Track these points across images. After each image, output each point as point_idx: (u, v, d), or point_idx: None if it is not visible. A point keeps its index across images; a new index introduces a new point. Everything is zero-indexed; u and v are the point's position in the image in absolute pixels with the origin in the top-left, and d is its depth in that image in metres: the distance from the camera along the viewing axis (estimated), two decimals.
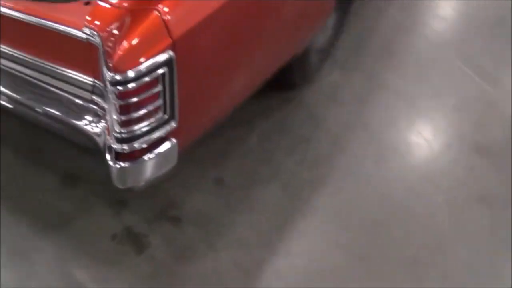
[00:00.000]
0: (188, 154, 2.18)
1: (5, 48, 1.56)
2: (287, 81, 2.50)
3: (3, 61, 1.59)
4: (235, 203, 2.19)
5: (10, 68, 1.59)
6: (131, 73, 1.24)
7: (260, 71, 1.84)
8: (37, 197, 2.17)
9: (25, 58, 1.53)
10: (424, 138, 2.46)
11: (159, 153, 1.42)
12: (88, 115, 1.47)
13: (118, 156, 1.38)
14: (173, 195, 2.20)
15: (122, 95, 1.27)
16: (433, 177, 2.29)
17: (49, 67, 1.48)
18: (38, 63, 1.50)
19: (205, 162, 2.32)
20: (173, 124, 1.41)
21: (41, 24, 1.39)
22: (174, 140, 1.44)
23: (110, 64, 1.23)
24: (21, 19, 1.43)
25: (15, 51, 1.54)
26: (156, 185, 2.07)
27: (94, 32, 1.26)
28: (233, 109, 1.90)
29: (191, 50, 1.37)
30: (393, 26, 3.09)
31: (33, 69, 1.54)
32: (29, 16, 1.41)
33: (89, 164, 2.24)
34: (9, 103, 1.65)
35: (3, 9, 1.45)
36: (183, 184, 2.22)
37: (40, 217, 2.12)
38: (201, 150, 2.29)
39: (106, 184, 1.90)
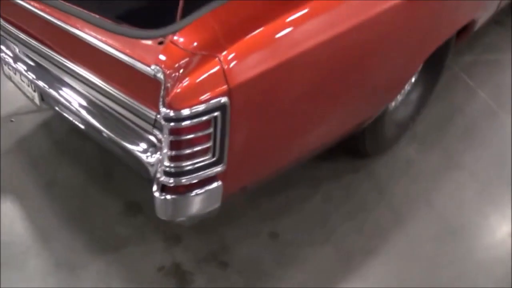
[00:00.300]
0: (249, 202, 2.27)
1: (83, 72, 1.70)
2: (358, 148, 2.53)
3: (81, 85, 1.74)
4: (285, 259, 2.21)
5: (86, 91, 1.74)
6: (184, 112, 1.33)
7: (318, 133, 1.87)
8: (99, 218, 2.31)
9: (99, 84, 1.66)
10: (489, 224, 2.37)
11: (203, 193, 1.49)
12: (147, 145, 1.57)
13: (163, 188, 1.46)
14: (227, 239, 2.26)
15: (173, 131, 1.36)
16: (488, 266, 2.20)
17: (119, 96, 1.61)
18: (110, 91, 1.63)
19: (264, 213, 2.37)
20: (220, 167, 1.48)
21: (116, 56, 1.52)
22: (219, 183, 1.51)
23: (166, 101, 1.33)
24: (101, 48, 1.56)
25: (92, 76, 1.68)
26: (212, 226, 2.17)
27: (159, 69, 1.37)
28: (290, 166, 1.94)
29: (247, 99, 1.44)
30: (480, 108, 3.08)
31: (105, 96, 1.67)
32: (108, 46, 1.54)
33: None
34: (82, 124, 1.79)
35: (88, 37, 1.60)
36: (239, 231, 2.29)
37: (96, 237, 2.24)
38: (263, 201, 2.38)
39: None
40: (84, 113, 1.76)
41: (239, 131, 1.47)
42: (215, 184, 1.51)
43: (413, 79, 2.73)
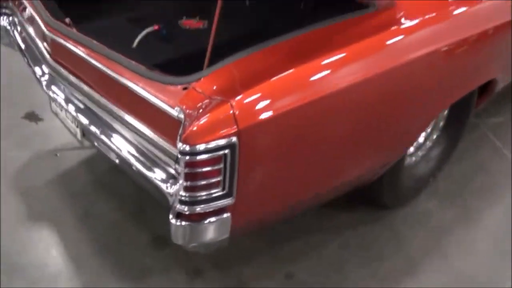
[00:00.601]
0: (270, 244, 2.45)
1: (119, 111, 1.97)
2: (378, 200, 2.69)
3: (117, 122, 2.01)
4: None
5: (120, 128, 2.00)
6: (198, 147, 1.55)
7: (326, 177, 2.06)
8: (127, 249, 2.53)
9: (131, 122, 1.92)
10: (499, 279, 2.49)
11: (213, 222, 1.69)
12: (168, 177, 1.80)
13: (178, 215, 1.68)
14: (244, 276, 2.43)
15: (188, 164, 1.58)
16: None
17: (148, 133, 1.85)
18: (141, 128, 1.88)
19: (282, 255, 2.54)
20: (229, 200, 1.68)
21: (147, 98, 1.78)
22: (228, 214, 1.71)
23: (183, 137, 1.56)
24: (134, 91, 1.83)
25: (125, 114, 1.95)
26: (232, 263, 2.36)
27: (180, 110, 1.61)
28: (300, 207, 2.13)
29: (256, 140, 1.65)
30: (504, 168, 3.20)
31: (136, 133, 1.92)
32: (141, 89, 1.81)
33: None
34: (116, 158, 2.05)
35: (125, 80, 1.87)
36: (257, 269, 2.46)
37: (124, 266, 2.45)
38: (283, 245, 2.56)
39: (189, 254, 2.23)
40: (117, 147, 2.01)
41: (248, 168, 1.68)
42: (224, 215, 1.71)
43: (434, 136, 2.90)
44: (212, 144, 1.55)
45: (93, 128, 2.12)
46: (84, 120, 2.16)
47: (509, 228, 2.76)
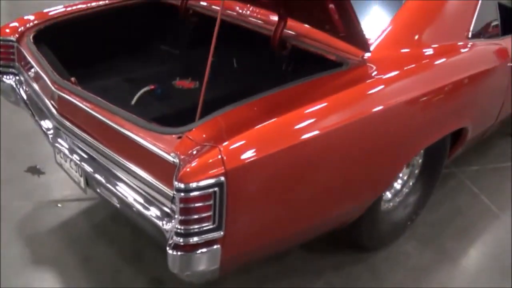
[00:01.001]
0: (257, 283, 2.73)
1: (120, 159, 2.30)
2: (357, 241, 3.00)
3: (118, 169, 2.34)
4: None
5: (121, 175, 2.32)
6: (191, 185, 1.85)
7: (306, 216, 2.34)
8: None
9: (133, 169, 2.24)
10: None
11: (204, 253, 1.97)
12: (165, 216, 2.11)
13: (174, 247, 1.98)
14: None
15: (182, 200, 1.89)
16: None
17: (147, 178, 2.17)
18: (141, 174, 2.21)
19: None
20: (219, 233, 1.98)
21: (147, 147, 2.11)
22: (218, 246, 2.00)
23: (178, 177, 1.88)
24: (135, 140, 2.17)
25: (126, 162, 2.27)
26: None
27: (175, 155, 1.94)
28: (285, 243, 2.44)
29: (241, 180, 1.96)
30: (481, 211, 3.56)
31: (136, 178, 2.24)
32: (140, 139, 2.14)
33: None
34: (118, 202, 2.37)
35: (126, 131, 2.21)
36: None
37: None
38: (268, 283, 2.83)
39: None
40: (119, 192, 2.32)
41: (235, 205, 1.98)
42: (214, 247, 1.99)
43: (411, 183, 3.24)
44: (203, 183, 1.86)
45: (96, 176, 2.44)
46: (88, 168, 2.48)
47: (486, 266, 3.07)
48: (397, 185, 3.18)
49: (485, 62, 3.13)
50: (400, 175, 3.17)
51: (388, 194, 3.13)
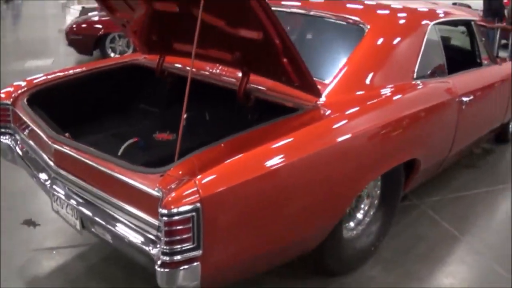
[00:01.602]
0: None
1: (110, 198, 2.83)
2: (324, 267, 3.52)
3: (110, 207, 2.88)
4: None
5: (112, 212, 2.85)
6: (173, 211, 2.37)
7: (274, 239, 2.84)
8: None
9: (123, 206, 2.77)
10: None
11: (186, 269, 2.47)
12: (151, 242, 2.62)
13: (161, 264, 2.50)
14: None
15: (166, 224, 2.41)
16: None
17: (135, 212, 2.70)
18: (130, 209, 2.74)
19: None
20: (198, 252, 2.48)
21: (134, 185, 2.65)
22: (198, 263, 2.48)
23: (162, 204, 2.42)
24: (122, 180, 2.72)
25: (116, 200, 2.80)
26: None
27: (159, 189, 2.50)
28: (258, 264, 2.95)
29: (214, 206, 2.47)
30: (442, 236, 4.10)
31: (125, 213, 2.78)
32: (128, 179, 2.70)
33: None
34: (110, 237, 2.89)
35: (114, 173, 2.76)
36: None
37: None
38: None
39: None
40: (111, 226, 2.81)
41: (211, 227, 2.49)
42: (194, 264, 2.49)
43: (371, 212, 3.80)
44: (182, 209, 2.39)
45: (91, 216, 2.97)
46: (83, 210, 3.01)
47: (449, 283, 3.59)
48: (359, 215, 3.71)
49: (428, 99, 3.75)
50: (362, 206, 3.71)
51: (351, 223, 3.66)
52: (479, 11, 9.93)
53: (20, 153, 3.65)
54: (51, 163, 3.18)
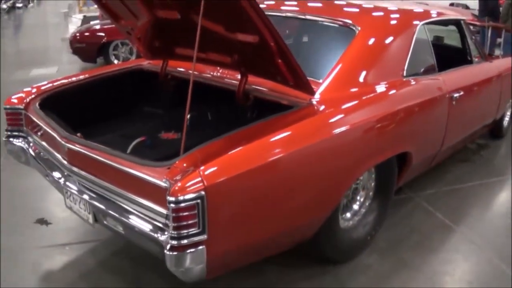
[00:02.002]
0: None
1: (121, 191, 3.12)
2: (322, 255, 3.81)
3: (122, 200, 3.17)
4: None
5: (124, 204, 3.14)
6: (180, 198, 2.65)
7: (274, 225, 3.13)
8: None
9: (135, 198, 3.05)
10: None
11: (192, 252, 2.75)
12: (159, 230, 2.89)
13: (170, 249, 2.78)
14: None
15: (174, 210, 2.69)
16: None
17: (145, 203, 2.98)
18: (140, 201, 3.03)
19: None
20: (203, 236, 2.76)
21: (143, 178, 2.94)
22: (203, 247, 2.76)
23: (170, 192, 2.70)
24: (133, 174, 3.03)
25: (128, 194, 3.09)
26: None
27: (167, 180, 2.79)
28: (261, 249, 3.23)
29: (217, 193, 2.74)
30: (436, 226, 4.37)
31: (136, 204, 3.08)
32: (136, 172, 3.00)
33: None
34: (122, 228, 3.19)
35: (125, 168, 3.07)
36: None
37: None
38: None
39: None
40: (123, 218, 3.08)
41: (215, 213, 2.77)
42: (200, 247, 2.76)
43: (367, 203, 4.09)
44: (188, 196, 2.67)
45: (103, 209, 3.27)
46: (96, 204, 3.31)
47: (441, 269, 3.85)
48: (355, 206, 4.00)
49: (418, 95, 4.05)
50: (358, 197, 4.00)
51: (348, 214, 3.94)
52: (476, 11, 10.21)
53: (33, 154, 3.94)
54: (65, 161, 3.47)
